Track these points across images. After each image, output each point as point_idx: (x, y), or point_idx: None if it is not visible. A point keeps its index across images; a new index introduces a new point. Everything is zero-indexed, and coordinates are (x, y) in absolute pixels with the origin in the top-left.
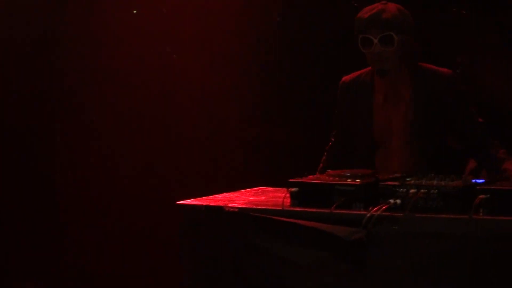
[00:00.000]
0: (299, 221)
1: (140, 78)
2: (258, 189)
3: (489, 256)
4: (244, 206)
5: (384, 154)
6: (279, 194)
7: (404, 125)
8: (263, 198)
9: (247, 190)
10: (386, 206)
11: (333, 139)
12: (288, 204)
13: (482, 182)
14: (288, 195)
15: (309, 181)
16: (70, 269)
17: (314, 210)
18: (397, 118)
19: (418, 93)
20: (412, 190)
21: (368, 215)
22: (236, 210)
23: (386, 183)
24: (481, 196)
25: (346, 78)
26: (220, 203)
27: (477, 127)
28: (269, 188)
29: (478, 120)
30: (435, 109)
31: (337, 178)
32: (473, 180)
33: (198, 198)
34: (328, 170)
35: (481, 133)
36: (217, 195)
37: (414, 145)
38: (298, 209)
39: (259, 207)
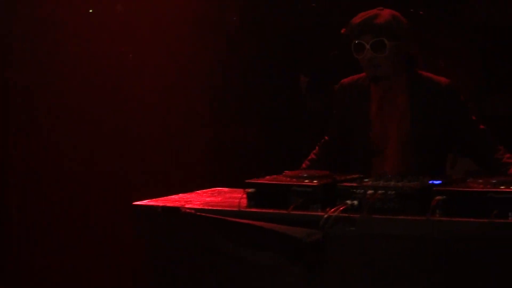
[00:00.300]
0: (256, 222)
1: (95, 77)
2: (214, 190)
3: (446, 257)
4: (200, 207)
5: (381, 160)
6: (236, 195)
7: (399, 133)
8: (219, 199)
9: (203, 190)
10: (343, 207)
11: (326, 138)
12: (245, 205)
13: (439, 183)
14: (244, 196)
15: (266, 182)
16: (21, 270)
17: (271, 211)
18: (392, 126)
19: (415, 101)
20: (369, 191)
21: (325, 216)
22: (193, 211)
23: (344, 184)
24: (437, 197)
25: (344, 81)
26: (176, 204)
27: (481, 135)
28: (226, 189)
29: (480, 127)
30: (433, 118)
31: (294, 179)
32: (430, 181)
33: (154, 199)
34: (285, 171)
35: (485, 140)
36: (174, 196)
37: (410, 154)
38: (254, 210)
39: (215, 208)
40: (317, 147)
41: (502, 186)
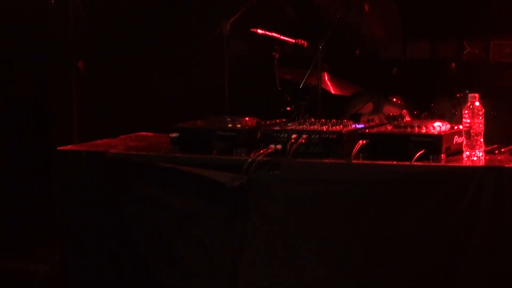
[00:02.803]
0: (180, 167)
1: None
2: (139, 135)
3: (370, 200)
4: (125, 152)
5: None
6: (160, 140)
7: None
8: (143, 144)
9: (128, 135)
10: (267, 151)
11: None
12: (169, 149)
13: (362, 127)
14: (169, 140)
15: (189, 126)
16: None
17: (194, 155)
18: None
19: None
20: (293, 136)
21: (249, 160)
22: (118, 155)
23: (268, 128)
24: (361, 141)
25: None
26: (101, 149)
27: None
28: (150, 134)
29: None
30: None
31: (218, 124)
32: (354, 125)
33: (79, 144)
34: (209, 115)
35: None
36: (98, 141)
37: None
38: (178, 154)
39: (140, 153)
40: None
41: (424, 129)
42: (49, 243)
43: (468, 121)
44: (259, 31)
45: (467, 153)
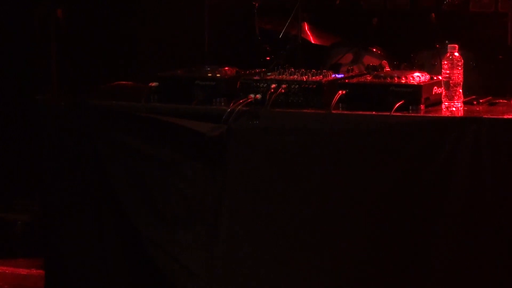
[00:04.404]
0: (159, 117)
1: None
2: (118, 85)
3: (350, 150)
4: (104, 101)
5: None
6: (139, 89)
7: None
8: (123, 93)
9: (107, 85)
10: (247, 101)
11: None
12: (149, 99)
13: (342, 77)
14: (148, 90)
15: (168, 75)
16: None
17: (174, 105)
18: None
19: None
20: (273, 85)
21: (229, 110)
22: (97, 105)
23: (247, 78)
24: (340, 91)
25: None
26: (80, 99)
27: None
28: (129, 83)
29: None
30: None
31: (197, 73)
32: (333, 75)
33: (57, 94)
34: (189, 65)
35: None
36: (77, 91)
37: None
38: (158, 104)
39: (119, 102)
40: None
41: (403, 80)
42: (28, 194)
43: (448, 72)
44: None
45: (446, 104)
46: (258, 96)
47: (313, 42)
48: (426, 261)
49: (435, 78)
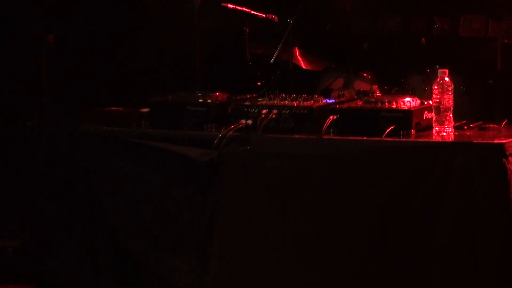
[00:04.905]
0: (151, 142)
1: None
2: (109, 110)
3: (341, 175)
4: (96, 126)
5: None
6: (131, 115)
7: None
8: (114, 118)
9: (98, 110)
10: (238, 126)
11: None
12: (140, 124)
13: (333, 102)
14: (140, 115)
15: (160, 100)
16: None
17: (165, 130)
18: None
19: None
20: (264, 111)
21: (220, 135)
22: (88, 129)
23: (238, 103)
24: (331, 117)
25: None
26: (71, 124)
27: None
28: (121, 109)
29: None
30: None
31: (189, 98)
32: (324, 100)
33: (49, 119)
34: (179, 90)
35: None
36: (68, 116)
37: None
38: (149, 129)
39: (111, 128)
40: None
41: (394, 105)
42: (19, 220)
43: (438, 96)
44: (230, 5)
45: (437, 128)
46: (249, 121)
47: (304, 67)
48: (419, 282)
49: (425, 103)
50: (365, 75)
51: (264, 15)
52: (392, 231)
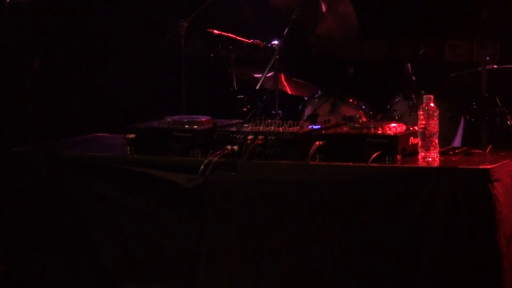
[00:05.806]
0: (136, 168)
1: None
2: (95, 136)
3: (326, 201)
4: (81, 153)
5: None
6: (116, 141)
7: None
8: (100, 144)
9: (84, 136)
10: (224, 152)
11: None
12: (126, 150)
13: (319, 128)
14: (125, 141)
15: (146, 127)
16: None
17: (151, 156)
18: None
19: None
20: (250, 137)
21: (206, 161)
22: (74, 156)
23: (224, 129)
24: (317, 142)
25: None
26: (57, 150)
27: None
28: (106, 135)
29: None
30: None
31: (174, 124)
32: (310, 126)
33: (34, 145)
34: (166, 116)
35: None
36: (54, 142)
37: None
38: (135, 155)
39: (96, 154)
40: None
41: (380, 130)
42: (4, 244)
43: (424, 122)
44: (215, 31)
45: (423, 154)
46: (235, 147)
47: (289, 92)
48: None
49: (411, 128)
50: (351, 100)
51: (249, 41)
52: (378, 257)
